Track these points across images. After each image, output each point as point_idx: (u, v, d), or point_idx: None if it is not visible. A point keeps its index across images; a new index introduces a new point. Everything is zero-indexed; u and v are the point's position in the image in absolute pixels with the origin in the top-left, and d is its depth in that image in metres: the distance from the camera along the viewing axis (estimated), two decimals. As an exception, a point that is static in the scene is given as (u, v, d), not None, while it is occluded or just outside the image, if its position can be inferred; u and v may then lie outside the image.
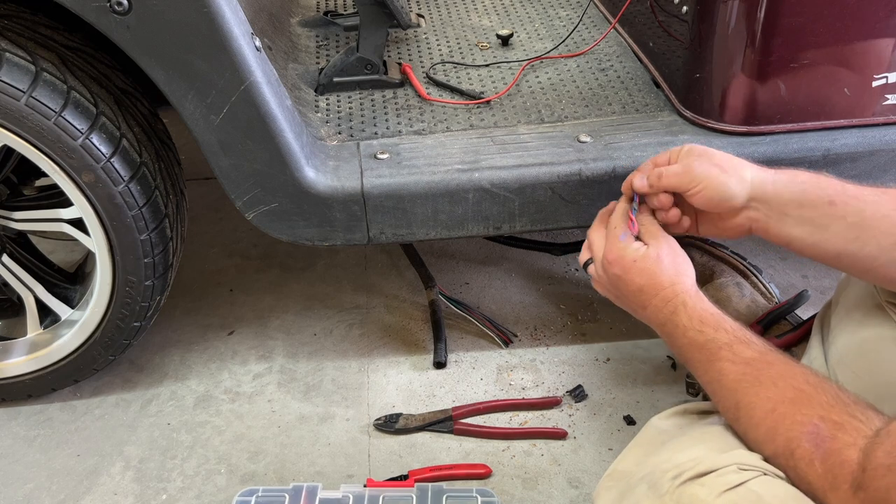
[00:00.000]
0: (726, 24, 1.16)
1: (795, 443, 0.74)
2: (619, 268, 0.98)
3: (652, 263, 0.95)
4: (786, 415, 0.76)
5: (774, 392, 0.79)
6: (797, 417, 0.75)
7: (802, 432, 0.74)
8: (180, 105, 1.08)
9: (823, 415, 0.74)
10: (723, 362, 0.84)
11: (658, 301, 0.94)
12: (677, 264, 0.96)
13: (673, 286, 0.93)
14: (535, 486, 1.21)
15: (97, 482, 1.25)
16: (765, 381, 0.80)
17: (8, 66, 1.06)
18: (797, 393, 0.77)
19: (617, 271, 0.98)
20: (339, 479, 1.23)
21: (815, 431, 0.73)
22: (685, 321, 0.90)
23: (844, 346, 0.97)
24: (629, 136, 1.24)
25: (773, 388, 0.79)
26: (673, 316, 0.91)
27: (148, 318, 1.29)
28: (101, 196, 1.13)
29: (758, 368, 0.82)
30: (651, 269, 0.95)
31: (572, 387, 1.37)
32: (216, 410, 1.36)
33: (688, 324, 0.89)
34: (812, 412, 0.75)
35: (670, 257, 0.96)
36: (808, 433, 0.74)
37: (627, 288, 0.97)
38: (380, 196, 1.17)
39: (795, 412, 0.76)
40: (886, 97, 1.18)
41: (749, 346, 0.84)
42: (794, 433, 0.75)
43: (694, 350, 0.88)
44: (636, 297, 0.96)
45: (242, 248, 1.75)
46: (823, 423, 0.73)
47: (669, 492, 0.77)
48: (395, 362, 1.44)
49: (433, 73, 1.45)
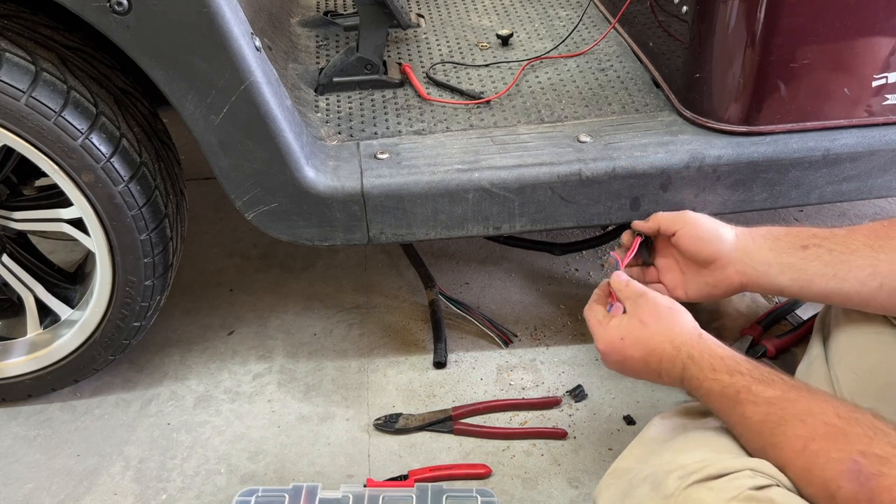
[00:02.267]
0: (726, 24, 1.16)
1: (835, 484, 0.68)
2: (614, 353, 0.96)
3: (638, 332, 0.93)
4: (819, 453, 0.71)
5: (803, 429, 0.74)
6: (832, 455, 0.70)
7: (841, 471, 0.68)
8: (180, 105, 1.08)
9: (863, 449, 0.68)
10: (744, 406, 0.80)
11: (665, 364, 0.91)
12: (664, 319, 0.93)
13: (671, 342, 0.91)
14: (535, 486, 1.21)
15: (97, 482, 1.25)
16: (791, 420, 0.75)
17: (8, 66, 1.06)
18: (829, 428, 0.72)
19: (616, 357, 0.96)
20: (339, 479, 1.23)
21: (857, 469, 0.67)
22: (697, 373, 0.87)
23: (845, 347, 0.97)
24: (629, 136, 1.24)
25: (802, 425, 0.74)
26: (685, 372, 0.88)
27: (148, 318, 1.29)
28: (101, 196, 1.13)
29: (782, 407, 0.77)
30: (642, 338, 0.93)
31: (572, 387, 1.37)
32: (216, 410, 1.36)
33: (700, 375, 0.86)
34: (850, 447, 0.69)
35: (654, 315, 0.94)
36: (849, 471, 0.68)
37: (634, 366, 0.94)
38: (380, 196, 1.17)
39: (830, 449, 0.70)
40: (886, 97, 1.18)
41: (769, 384, 0.80)
42: (832, 472, 0.69)
43: (714, 399, 0.85)
44: (646, 370, 0.93)
45: (242, 248, 1.75)
46: (865, 459, 0.68)
47: (675, 494, 0.76)
48: (395, 362, 1.44)
49: (433, 73, 1.45)
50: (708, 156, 1.20)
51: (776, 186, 1.23)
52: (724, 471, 0.76)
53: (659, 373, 0.92)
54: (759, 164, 1.20)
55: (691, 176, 1.21)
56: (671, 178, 1.20)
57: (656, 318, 0.93)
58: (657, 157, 1.19)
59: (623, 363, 0.96)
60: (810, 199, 1.25)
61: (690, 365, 0.88)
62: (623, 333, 0.95)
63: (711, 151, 1.20)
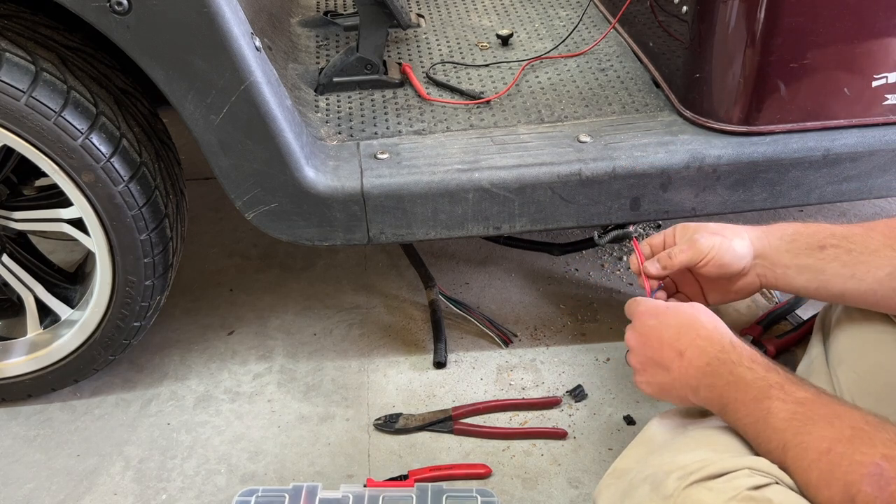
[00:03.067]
0: (726, 24, 1.16)
1: (855, 487, 0.67)
2: (652, 318, 0.92)
3: (687, 310, 0.91)
4: (843, 455, 0.69)
5: (830, 431, 0.72)
6: (856, 458, 0.68)
7: (863, 474, 0.66)
8: (180, 105, 1.08)
9: (887, 453, 0.66)
10: (772, 401, 0.77)
11: (701, 341, 0.87)
12: (712, 314, 0.91)
13: (716, 327, 0.88)
14: (535, 486, 1.21)
15: (97, 482, 1.25)
16: (819, 421, 0.73)
17: (8, 66, 1.06)
18: (856, 432, 0.70)
19: (651, 322, 0.92)
20: (339, 478, 1.23)
21: (878, 472, 0.66)
22: (735, 357, 0.83)
23: (845, 347, 0.97)
24: (629, 136, 1.24)
25: (829, 427, 0.72)
26: (722, 353, 0.85)
27: (148, 318, 1.29)
28: (101, 196, 1.13)
29: (811, 408, 0.75)
30: (687, 314, 0.90)
31: (572, 387, 1.37)
32: (216, 410, 1.36)
33: (737, 360, 0.83)
34: (874, 451, 0.67)
35: (703, 309, 0.91)
36: (870, 475, 0.66)
37: (663, 334, 0.90)
38: (380, 196, 1.17)
39: (854, 452, 0.68)
40: (886, 97, 1.18)
41: (802, 387, 0.78)
42: (854, 476, 0.67)
43: (739, 388, 0.81)
44: (673, 344, 0.89)
45: (242, 248, 1.75)
46: (887, 463, 0.66)
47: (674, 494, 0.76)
48: (395, 362, 1.44)
49: (433, 73, 1.45)
50: (708, 156, 1.20)
51: (776, 186, 1.23)
52: (723, 470, 0.76)
53: (683, 351, 0.87)
54: (759, 164, 1.20)
55: (691, 176, 1.21)
56: (671, 178, 1.20)
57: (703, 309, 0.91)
58: (657, 157, 1.19)
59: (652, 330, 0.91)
60: (810, 199, 1.25)
61: (731, 349, 0.84)
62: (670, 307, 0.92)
63: (711, 151, 1.20)
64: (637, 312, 0.95)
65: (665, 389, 0.91)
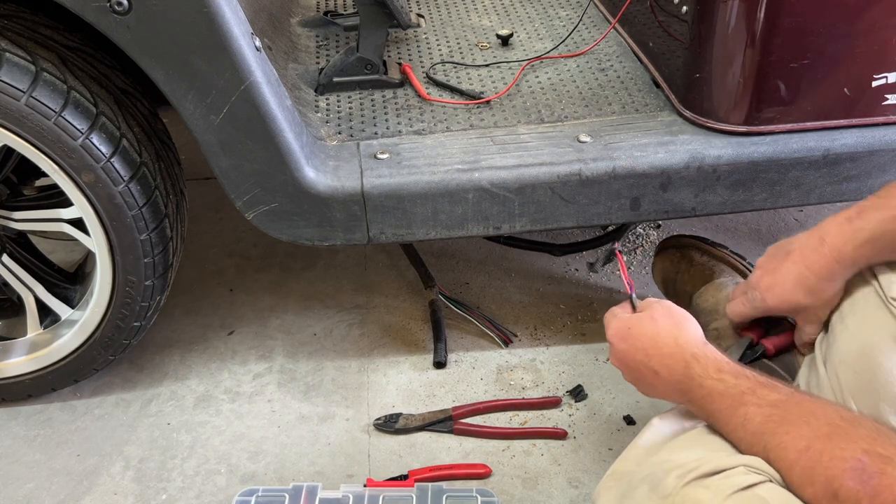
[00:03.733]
0: (726, 24, 1.16)
1: (838, 482, 0.67)
2: (621, 341, 0.96)
3: (647, 325, 0.94)
4: (823, 451, 0.70)
5: (807, 430, 0.73)
6: (836, 453, 0.69)
7: (844, 469, 0.67)
8: (180, 105, 1.08)
9: (867, 448, 0.67)
10: (748, 407, 0.79)
11: (666, 359, 0.90)
12: (675, 318, 0.94)
13: (676, 340, 0.91)
14: (535, 486, 1.21)
15: (97, 482, 1.25)
16: (795, 420, 0.75)
17: (8, 66, 1.06)
18: (832, 428, 0.71)
19: (622, 346, 0.96)
20: (339, 478, 1.23)
21: (860, 467, 0.66)
22: (699, 371, 0.86)
23: (845, 346, 0.97)
24: (629, 136, 1.24)
25: (805, 425, 0.73)
26: (686, 369, 0.87)
27: (148, 318, 1.29)
28: (101, 196, 1.14)
29: (785, 409, 0.76)
30: (649, 331, 0.93)
31: (572, 387, 1.37)
32: (216, 410, 1.36)
33: (703, 373, 0.85)
34: (854, 446, 0.68)
35: (664, 314, 0.94)
36: (852, 469, 0.67)
37: (635, 357, 0.94)
38: (380, 196, 1.17)
39: (833, 448, 0.69)
40: (886, 97, 1.18)
41: (773, 389, 0.80)
42: (835, 471, 0.68)
43: (714, 399, 0.83)
44: (646, 364, 0.93)
45: (242, 248, 1.75)
46: (868, 458, 0.66)
47: (672, 493, 0.76)
48: (395, 362, 1.44)
49: (433, 73, 1.45)
50: (708, 156, 1.20)
51: (776, 186, 1.23)
52: (719, 468, 0.76)
53: (658, 370, 0.91)
54: (759, 164, 1.20)
55: (691, 176, 1.21)
56: (671, 178, 1.20)
57: (666, 316, 0.94)
58: (657, 157, 1.19)
59: (626, 356, 0.96)
60: (810, 199, 1.25)
61: (694, 363, 0.87)
62: (632, 324, 0.95)
63: (711, 151, 1.20)
64: (609, 335, 0.99)
65: (662, 396, 0.95)
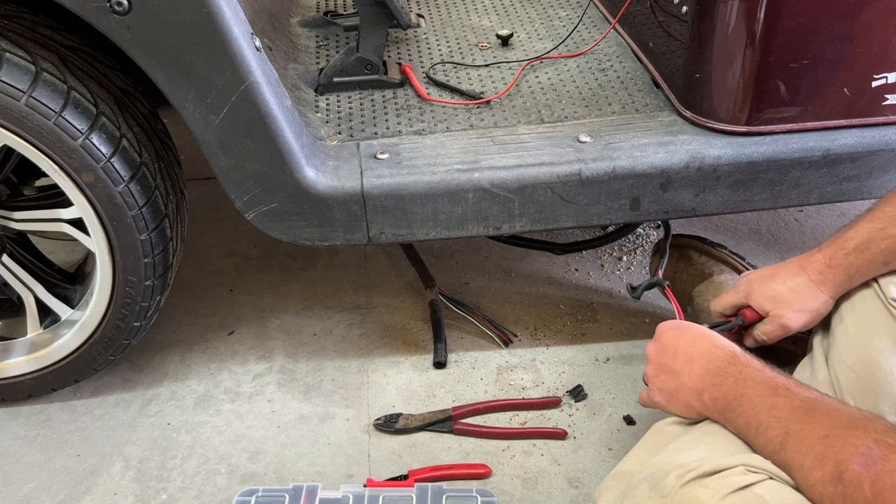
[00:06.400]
0: (726, 24, 1.16)
1: (844, 465, 0.71)
2: (672, 328, 1.00)
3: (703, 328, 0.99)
4: (838, 438, 0.73)
5: (829, 420, 0.76)
6: (849, 440, 0.72)
7: (853, 454, 0.71)
8: (180, 105, 1.08)
9: (878, 438, 0.71)
10: (778, 397, 0.82)
11: (712, 349, 0.93)
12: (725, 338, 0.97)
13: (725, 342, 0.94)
14: (535, 486, 1.21)
15: (97, 482, 1.25)
16: (819, 412, 0.78)
17: (8, 66, 1.06)
18: (852, 420, 0.75)
19: (671, 332, 1.00)
20: (339, 479, 1.23)
21: (867, 453, 0.70)
22: (744, 360, 0.89)
23: (845, 347, 0.97)
24: (629, 136, 1.24)
25: (828, 417, 0.77)
26: (731, 357, 0.90)
27: (148, 318, 1.29)
28: (101, 196, 1.13)
29: (813, 403, 0.80)
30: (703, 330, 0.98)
31: (572, 387, 1.37)
32: (216, 410, 1.36)
33: (746, 363, 0.88)
34: (866, 436, 0.72)
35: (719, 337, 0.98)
36: (860, 455, 0.70)
37: (678, 343, 0.97)
38: (380, 196, 1.17)
39: (848, 435, 0.73)
40: (886, 97, 1.18)
41: (808, 390, 0.83)
42: (844, 455, 0.71)
43: (747, 383, 0.86)
44: (685, 352, 0.95)
45: (242, 248, 1.75)
46: (877, 446, 0.70)
47: (672, 493, 0.76)
48: (395, 362, 1.44)
49: (433, 73, 1.45)
50: (708, 156, 1.20)
51: (776, 186, 1.23)
52: (719, 467, 0.76)
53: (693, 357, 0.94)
54: (759, 164, 1.20)
55: (691, 176, 1.21)
56: (671, 178, 1.20)
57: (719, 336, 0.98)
58: (657, 157, 1.19)
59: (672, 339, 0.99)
60: (810, 199, 1.25)
61: (739, 356, 0.90)
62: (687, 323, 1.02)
63: (711, 151, 1.20)
64: (661, 325, 1.03)
65: (673, 396, 0.95)
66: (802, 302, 1.04)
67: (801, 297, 1.04)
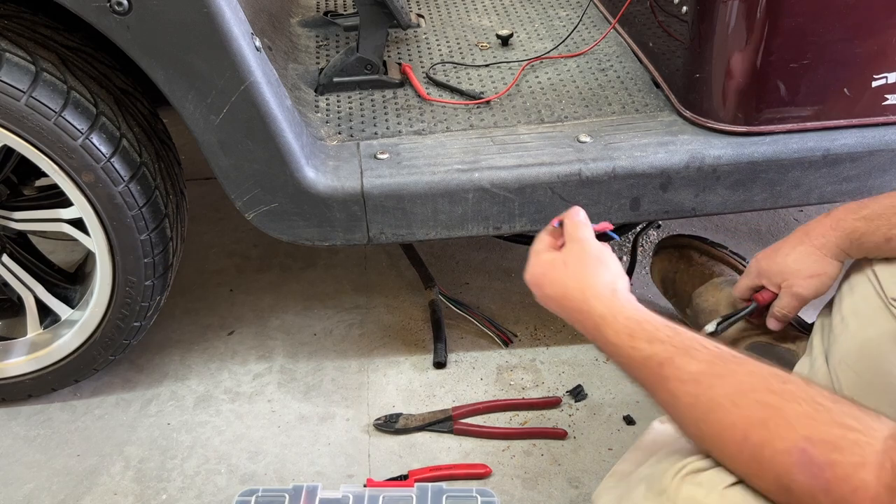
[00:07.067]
0: (726, 24, 1.16)
1: (787, 478, 0.62)
2: (535, 286, 0.89)
3: (559, 271, 0.86)
4: (763, 444, 0.64)
5: (738, 415, 0.66)
6: (777, 445, 0.63)
7: (791, 462, 0.62)
8: (180, 105, 1.08)
9: (808, 435, 0.62)
10: (670, 382, 0.71)
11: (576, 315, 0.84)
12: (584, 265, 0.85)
13: (583, 292, 0.82)
14: (535, 486, 1.21)
15: (97, 482, 1.25)
16: (724, 403, 0.67)
17: (8, 66, 1.06)
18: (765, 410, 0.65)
19: (537, 292, 0.89)
20: (339, 479, 1.23)
21: (807, 459, 0.61)
22: (613, 338, 0.78)
23: (846, 346, 0.97)
24: (629, 136, 1.24)
25: (735, 410, 0.67)
26: (597, 331, 0.80)
27: (148, 318, 1.29)
28: (101, 196, 1.13)
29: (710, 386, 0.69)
30: (559, 279, 0.85)
31: (572, 387, 1.37)
32: (216, 410, 1.36)
33: (616, 340, 0.78)
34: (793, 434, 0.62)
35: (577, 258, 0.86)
36: (798, 463, 0.61)
37: (553, 307, 0.87)
38: (380, 196, 1.17)
39: (773, 438, 0.63)
40: (886, 97, 1.18)
41: (693, 355, 0.72)
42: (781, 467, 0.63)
43: (636, 370, 0.76)
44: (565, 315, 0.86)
45: (242, 248, 1.75)
46: (813, 447, 0.61)
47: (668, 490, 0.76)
48: (395, 362, 1.44)
49: (433, 73, 1.45)
50: (708, 156, 1.20)
51: (776, 186, 1.23)
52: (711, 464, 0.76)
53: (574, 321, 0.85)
54: (759, 165, 1.20)
55: (691, 176, 1.21)
56: (671, 178, 1.20)
57: (577, 261, 0.85)
58: (657, 157, 1.19)
59: (544, 300, 0.89)
60: (810, 199, 1.25)
61: (604, 326, 0.79)
62: (546, 269, 0.87)
63: (711, 151, 1.20)
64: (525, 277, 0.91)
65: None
66: (809, 268, 1.03)
67: (807, 263, 1.03)
